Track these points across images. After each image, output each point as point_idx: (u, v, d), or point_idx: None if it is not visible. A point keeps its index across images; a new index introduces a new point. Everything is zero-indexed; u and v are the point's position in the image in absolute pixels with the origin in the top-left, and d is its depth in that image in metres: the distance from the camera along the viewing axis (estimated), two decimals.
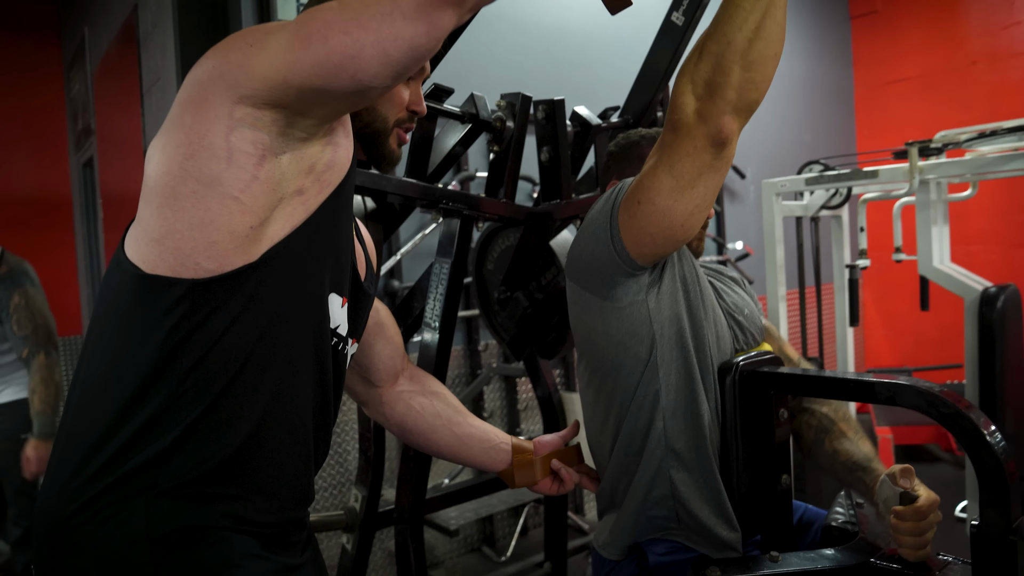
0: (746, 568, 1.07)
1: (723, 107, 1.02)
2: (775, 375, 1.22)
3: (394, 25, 0.80)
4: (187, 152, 0.87)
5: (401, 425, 1.35)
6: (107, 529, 0.89)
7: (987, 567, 0.96)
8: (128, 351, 0.91)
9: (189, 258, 0.88)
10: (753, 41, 1.01)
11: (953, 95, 4.77)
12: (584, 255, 1.25)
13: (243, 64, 0.84)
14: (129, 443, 0.89)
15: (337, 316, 1.04)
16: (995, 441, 0.98)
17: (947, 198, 2.28)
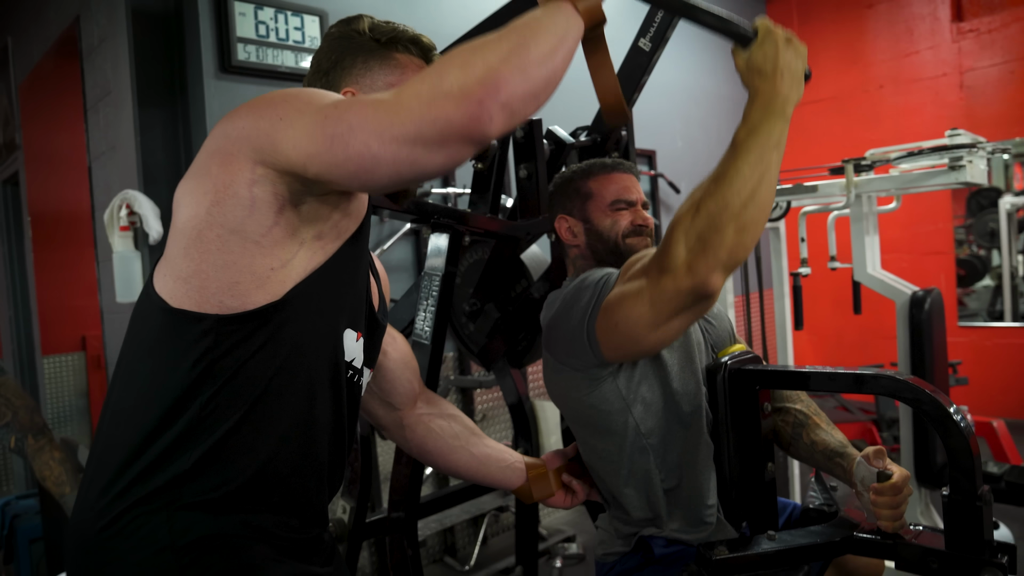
0: (749, 546, 1.17)
1: (713, 264, 1.07)
2: (760, 371, 1.33)
3: (414, 151, 0.82)
4: (213, 199, 0.92)
5: (421, 447, 1.40)
6: (133, 541, 0.92)
7: (958, 529, 1.09)
8: (156, 379, 0.96)
9: (214, 296, 0.93)
10: (748, 206, 1.06)
11: (863, 115, 5.14)
12: (561, 339, 1.34)
13: (270, 136, 0.89)
14: (154, 463, 0.94)
15: (352, 350, 1.10)
16: (960, 420, 1.11)
17: (876, 210, 2.49)
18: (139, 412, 0.96)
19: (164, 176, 2.53)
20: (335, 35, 1.15)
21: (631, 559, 1.37)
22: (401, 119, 0.81)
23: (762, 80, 1.09)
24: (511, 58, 0.83)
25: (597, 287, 1.28)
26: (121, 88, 2.58)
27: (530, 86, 0.84)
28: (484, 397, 3.25)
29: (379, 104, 0.83)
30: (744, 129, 1.08)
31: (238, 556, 0.95)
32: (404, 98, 0.82)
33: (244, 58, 2.51)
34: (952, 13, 4.85)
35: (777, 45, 1.08)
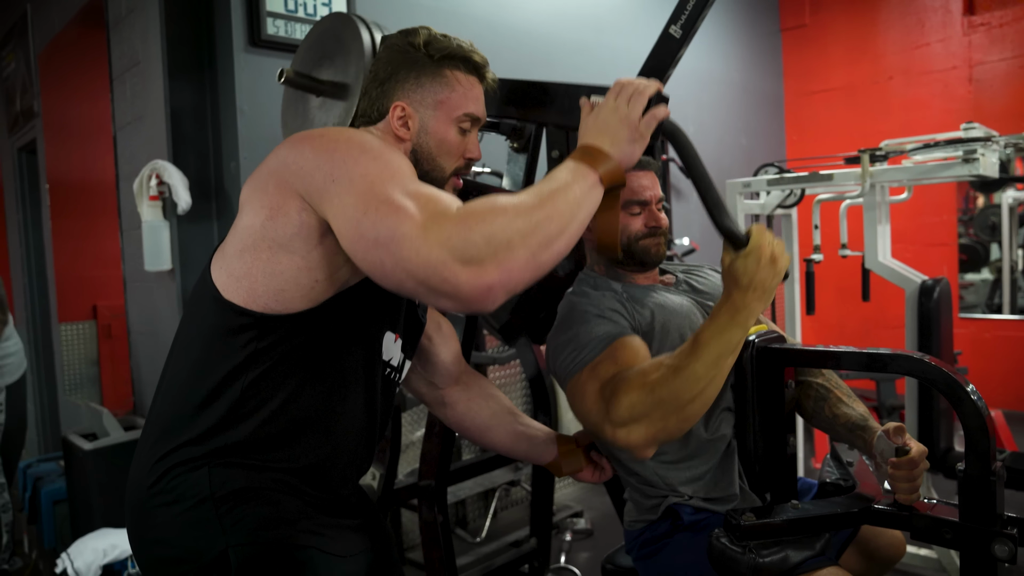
0: (774, 513, 1.24)
1: (650, 440, 1.20)
2: (785, 350, 1.39)
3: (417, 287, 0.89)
4: (268, 215, 1.03)
5: (460, 423, 1.49)
6: (177, 493, 1.03)
7: (972, 503, 1.16)
8: (207, 356, 1.07)
9: (260, 298, 1.04)
10: (695, 402, 1.17)
11: (873, 106, 5.18)
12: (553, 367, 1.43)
13: (320, 192, 0.98)
14: (199, 432, 1.05)
15: (391, 350, 1.20)
16: (977, 399, 1.18)
17: (888, 200, 2.55)
18: (189, 384, 1.07)
19: (193, 147, 2.57)
20: (394, 47, 1.20)
21: (660, 526, 1.44)
22: (420, 259, 0.86)
23: (736, 289, 1.18)
24: (530, 242, 0.90)
25: (582, 351, 1.34)
26: (150, 59, 2.62)
27: (537, 272, 0.93)
28: (499, 373, 3.32)
29: (409, 231, 0.87)
30: (709, 331, 1.18)
31: (271, 506, 1.05)
32: (431, 239, 0.87)
33: (273, 32, 2.55)
34: (964, 7, 4.88)
35: (760, 262, 1.16)
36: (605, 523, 3.20)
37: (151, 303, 2.81)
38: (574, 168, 1.04)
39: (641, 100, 1.12)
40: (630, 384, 1.22)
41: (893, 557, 1.56)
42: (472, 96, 1.20)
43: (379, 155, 0.98)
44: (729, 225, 1.18)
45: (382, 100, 1.18)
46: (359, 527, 1.19)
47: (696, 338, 1.19)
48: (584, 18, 3.82)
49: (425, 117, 1.17)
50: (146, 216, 2.50)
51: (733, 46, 5.06)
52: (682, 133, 1.20)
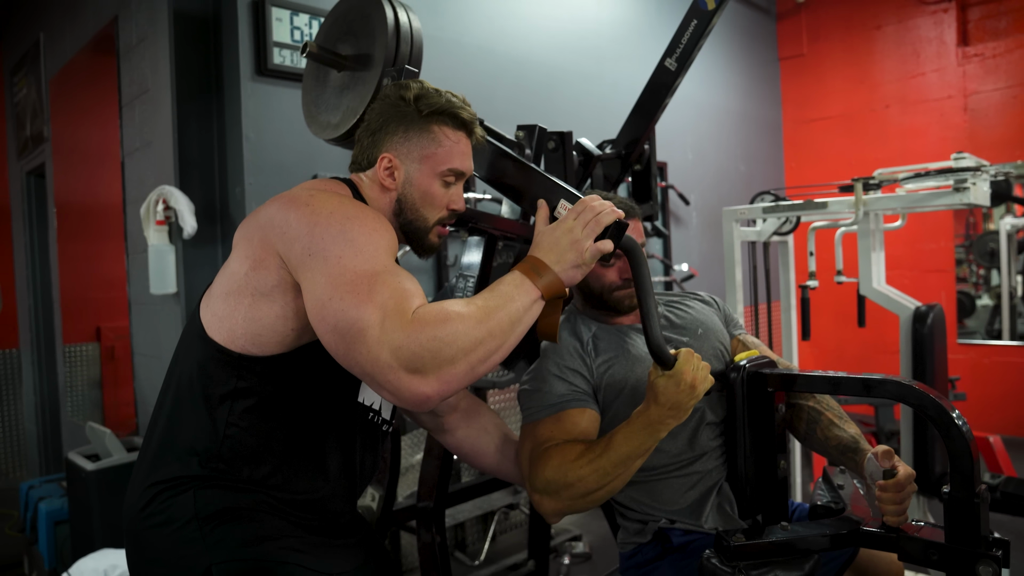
0: (764, 535, 1.26)
1: (557, 512, 1.35)
2: (775, 375, 1.43)
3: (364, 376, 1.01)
4: (251, 265, 1.11)
5: (460, 448, 1.55)
6: (167, 515, 1.10)
7: (957, 524, 1.18)
8: (193, 389, 1.14)
9: (239, 339, 1.11)
10: (599, 491, 1.31)
11: (870, 134, 5.25)
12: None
13: (297, 262, 1.06)
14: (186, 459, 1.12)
15: (371, 395, 1.25)
16: (962, 424, 1.20)
17: (883, 227, 2.59)
18: (179, 414, 1.15)
19: (199, 173, 2.62)
20: (387, 99, 1.26)
21: (650, 549, 1.47)
22: (371, 359, 0.97)
23: (655, 404, 1.27)
24: (470, 355, 1.01)
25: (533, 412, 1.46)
26: (159, 86, 2.68)
27: (472, 380, 1.03)
28: (498, 397, 3.35)
29: (367, 328, 0.97)
30: (623, 433, 1.30)
31: (253, 524, 1.10)
32: (385, 340, 0.96)
33: (279, 62, 2.61)
34: (958, 37, 4.96)
35: (679, 385, 1.25)
36: (603, 547, 3.20)
37: (155, 326, 2.85)
38: (519, 283, 1.12)
39: (596, 229, 1.18)
40: (549, 459, 1.34)
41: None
42: (457, 151, 1.25)
43: (356, 236, 1.05)
44: (659, 346, 1.27)
45: (372, 150, 1.24)
46: (352, 545, 1.22)
47: (611, 437, 1.31)
48: (585, 48, 3.90)
49: (411, 170, 1.23)
50: (152, 240, 2.54)
51: (732, 75, 5.14)
52: (638, 251, 1.28)
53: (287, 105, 2.65)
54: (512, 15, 3.55)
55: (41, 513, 2.91)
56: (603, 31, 4.05)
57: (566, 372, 1.47)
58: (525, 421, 1.46)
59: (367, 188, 1.25)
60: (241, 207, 2.55)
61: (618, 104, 2.37)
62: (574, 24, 3.90)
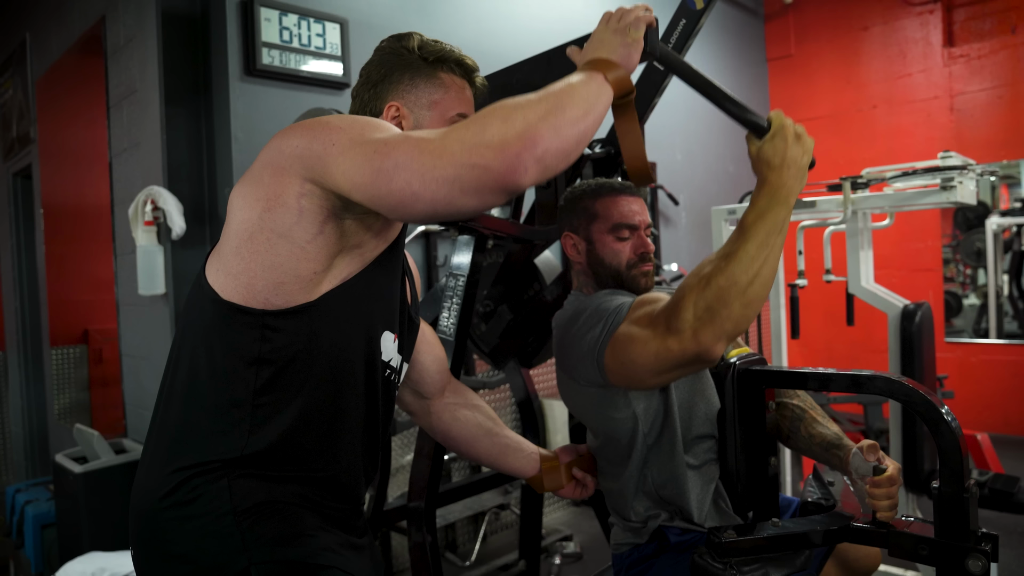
0: (755, 531, 1.26)
1: (719, 334, 1.19)
2: (766, 372, 1.43)
3: (451, 193, 0.88)
4: (265, 206, 1.01)
5: (446, 433, 1.50)
6: (196, 507, 1.01)
7: (946, 519, 1.19)
8: (212, 362, 1.05)
9: (260, 294, 1.02)
10: (754, 283, 1.18)
11: (858, 133, 5.28)
12: (573, 361, 1.45)
13: (322, 159, 0.97)
14: (213, 439, 1.03)
15: (389, 351, 1.19)
16: (951, 420, 1.21)
17: (871, 226, 2.61)
18: (197, 392, 1.05)
19: (187, 173, 2.61)
20: (386, 50, 1.23)
21: (646, 548, 1.46)
22: (444, 162, 0.87)
23: (770, 171, 1.21)
24: (548, 118, 0.91)
25: (610, 318, 1.37)
26: (147, 87, 2.67)
27: (562, 144, 0.92)
28: (488, 398, 3.34)
29: (424, 145, 0.89)
30: (752, 214, 1.20)
31: (292, 522, 1.04)
32: (448, 142, 0.88)
33: (268, 62, 2.60)
34: (944, 38, 5.00)
35: (787, 140, 1.20)
36: (594, 547, 3.21)
37: (144, 327, 2.83)
38: (579, 74, 1.06)
39: (629, 15, 1.14)
40: (686, 289, 1.22)
41: (870, 568, 1.60)
42: (464, 98, 1.23)
43: (369, 119, 1.00)
44: (749, 115, 1.21)
45: (375, 102, 1.20)
46: (367, 546, 1.20)
47: (741, 225, 1.21)
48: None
49: (420, 117, 1.19)
50: (141, 241, 2.53)
51: (720, 75, 5.16)
52: (673, 54, 1.21)
53: (276, 105, 2.64)
54: (500, 15, 3.55)
55: (28, 516, 2.89)
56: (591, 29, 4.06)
57: (616, 294, 1.44)
58: (610, 333, 1.35)
59: None
60: None
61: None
62: (563, 24, 3.90)
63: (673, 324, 1.22)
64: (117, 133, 2.97)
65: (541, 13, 3.77)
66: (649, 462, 1.46)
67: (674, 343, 1.22)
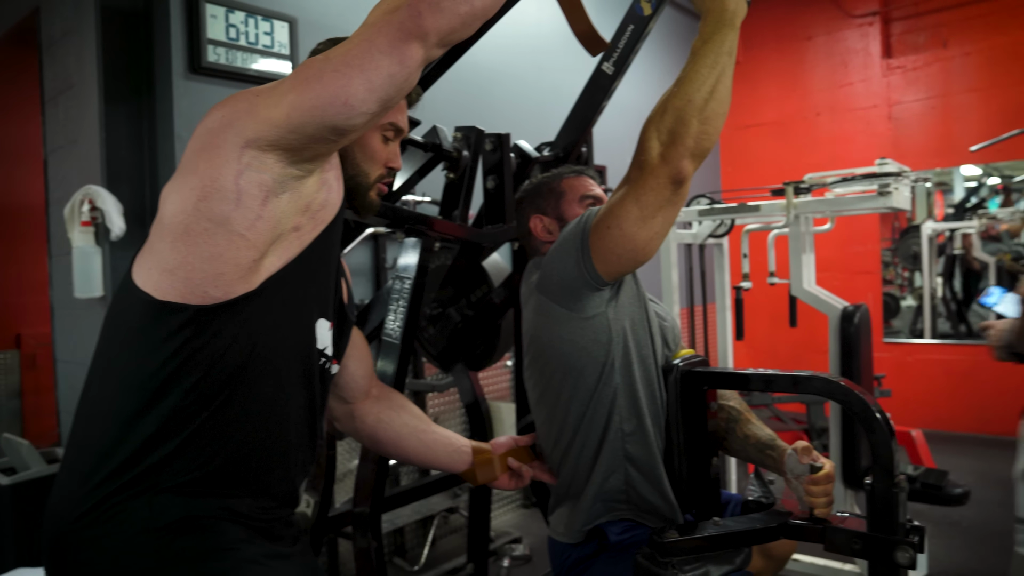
0: (697, 530, 1.28)
1: (683, 152, 1.25)
2: (709, 373, 1.46)
3: (374, 59, 0.97)
4: (200, 194, 0.99)
5: (372, 436, 1.48)
6: (111, 526, 0.98)
7: (877, 513, 1.23)
8: (138, 370, 1.01)
9: (199, 287, 1.00)
10: (709, 100, 1.25)
11: (802, 140, 5.43)
12: (556, 272, 1.43)
13: (250, 110, 0.97)
14: (136, 452, 0.99)
15: (324, 338, 1.18)
16: (882, 418, 1.25)
17: (813, 230, 2.68)
18: (120, 402, 1.01)
19: (128, 173, 2.53)
20: (318, 52, 1.23)
21: (586, 547, 1.47)
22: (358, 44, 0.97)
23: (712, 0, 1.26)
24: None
25: (584, 216, 1.41)
26: (85, 82, 2.58)
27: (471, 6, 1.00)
28: (437, 400, 3.33)
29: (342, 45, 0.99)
30: (700, 40, 1.27)
31: (213, 536, 1.01)
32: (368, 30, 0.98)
33: (214, 60, 2.55)
34: (883, 50, 5.18)
35: None
36: (544, 548, 3.21)
37: (80, 331, 2.74)
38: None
39: None
40: (647, 124, 1.29)
41: (785, 555, 1.68)
42: (397, 107, 1.25)
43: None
44: None
45: None
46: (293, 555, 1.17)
47: (692, 52, 1.27)
48: (525, 51, 3.92)
49: None
50: (77, 242, 2.44)
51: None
52: None
53: None
54: None
55: None
56: (542, 33, 4.08)
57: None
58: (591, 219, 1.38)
59: None
60: None
61: (556, 106, 2.39)
62: (514, 27, 3.91)
63: (642, 160, 1.28)
64: (53, 129, 2.87)
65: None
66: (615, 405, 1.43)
67: (648, 176, 1.28)
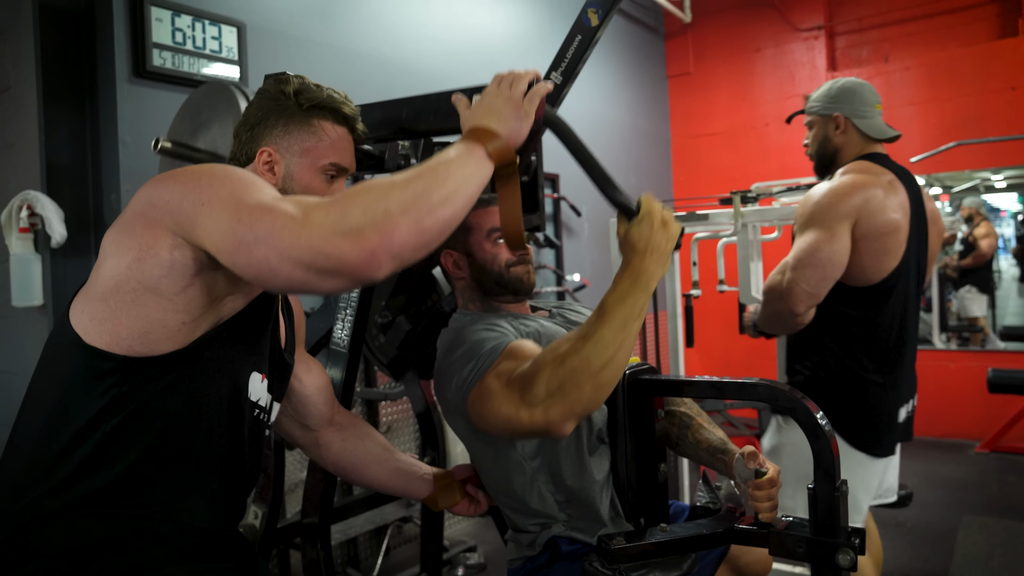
0: (644, 537, 1.30)
1: (568, 414, 1.19)
2: (655, 381, 1.47)
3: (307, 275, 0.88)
4: (135, 256, 1.00)
5: (335, 463, 1.49)
6: (29, 551, 0.97)
7: (820, 517, 1.25)
8: (64, 405, 1.02)
9: (124, 341, 1.01)
10: (606, 367, 1.18)
11: (752, 149, 5.55)
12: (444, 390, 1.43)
13: (191, 217, 0.96)
14: (56, 484, 1.00)
15: (258, 391, 1.19)
16: (824, 424, 1.28)
17: (760, 238, 2.74)
18: (44, 435, 1.02)
19: (69, 178, 2.46)
20: (265, 93, 1.22)
21: (539, 558, 1.48)
22: (302, 244, 0.87)
23: (634, 255, 1.23)
24: (411, 210, 0.91)
25: (480, 360, 1.34)
26: (23, 83, 2.50)
27: (422, 239, 0.93)
28: (389, 409, 3.30)
29: (287, 222, 0.88)
30: (613, 296, 1.21)
31: (135, 555, 1.00)
32: (310, 224, 0.87)
33: (159, 64, 2.50)
34: (828, 63, 5.33)
35: (652, 226, 1.22)
36: (498, 557, 3.21)
37: (19, 341, 2.64)
38: (459, 146, 1.06)
39: (522, 83, 1.15)
40: (541, 362, 1.22)
41: (761, 572, 1.66)
42: (340, 146, 1.21)
43: (243, 176, 0.99)
44: (620, 196, 1.24)
45: (250, 144, 1.20)
46: (230, 570, 1.16)
47: (601, 305, 1.21)
48: (478, 59, 3.94)
49: (291, 163, 1.18)
50: (15, 249, 2.36)
51: (623, 90, 5.31)
52: (561, 119, 1.23)
53: (167, 108, 2.52)
54: (405, 25, 3.54)
55: None
56: (496, 42, 4.10)
57: (494, 327, 1.42)
58: (476, 379, 1.32)
59: None
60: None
61: None
62: (467, 34, 3.93)
63: (526, 395, 1.21)
64: None
65: (446, 22, 3.78)
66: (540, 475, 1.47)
67: (524, 414, 1.22)
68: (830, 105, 2.06)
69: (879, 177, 1.97)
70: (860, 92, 2.05)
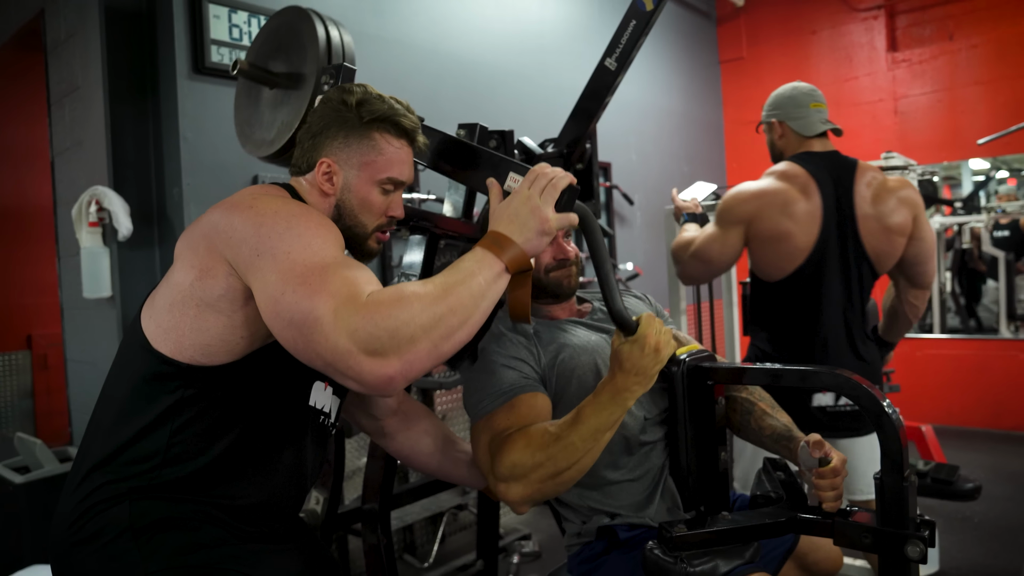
0: (705, 524, 1.28)
1: (526, 499, 1.28)
2: (715, 368, 1.45)
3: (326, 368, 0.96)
4: (197, 275, 1.07)
5: (400, 451, 1.53)
6: (96, 529, 1.05)
7: (887, 508, 1.22)
8: (134, 402, 1.10)
9: (186, 351, 1.08)
10: (570, 470, 1.26)
11: None
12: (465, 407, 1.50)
13: (246, 263, 1.03)
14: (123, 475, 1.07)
15: (320, 399, 1.24)
16: (892, 412, 1.25)
17: None
18: (115, 427, 1.10)
19: (134, 173, 2.54)
20: (329, 102, 1.24)
21: (596, 545, 1.48)
22: (328, 345, 0.93)
23: (620, 371, 1.27)
24: (431, 333, 0.97)
25: (488, 400, 1.40)
26: (91, 84, 2.59)
27: (437, 360, 1.00)
28: (444, 398, 3.33)
29: (322, 316, 0.93)
30: (591, 407, 1.27)
31: (191, 532, 1.07)
32: (341, 325, 0.93)
33: (217, 60, 2.55)
34: (888, 43, 5.15)
35: (643, 349, 1.25)
36: (553, 545, 3.22)
37: (90, 331, 2.75)
38: (481, 257, 1.09)
39: (554, 194, 1.17)
40: (514, 444, 1.29)
41: (830, 570, 1.62)
42: (398, 160, 1.23)
43: (303, 231, 1.03)
44: (620, 313, 1.27)
45: (312, 153, 1.22)
46: (291, 551, 1.20)
47: (578, 411, 1.28)
48: (528, 49, 3.92)
49: (349, 176, 1.21)
50: (85, 243, 2.46)
51: (674, 77, 5.23)
52: (591, 217, 1.26)
53: (226, 104, 2.58)
54: (456, 16, 3.55)
55: None
56: (546, 32, 4.08)
57: (512, 361, 1.45)
58: (477, 416, 1.41)
59: (306, 192, 1.23)
60: (179, 208, 2.49)
61: (560, 104, 2.39)
62: (517, 25, 3.91)
63: (495, 466, 1.30)
64: (59, 132, 2.88)
65: (496, 13, 3.77)
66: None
67: (491, 480, 1.32)
68: (770, 112, 2.32)
69: (792, 181, 2.10)
70: (793, 95, 2.27)
